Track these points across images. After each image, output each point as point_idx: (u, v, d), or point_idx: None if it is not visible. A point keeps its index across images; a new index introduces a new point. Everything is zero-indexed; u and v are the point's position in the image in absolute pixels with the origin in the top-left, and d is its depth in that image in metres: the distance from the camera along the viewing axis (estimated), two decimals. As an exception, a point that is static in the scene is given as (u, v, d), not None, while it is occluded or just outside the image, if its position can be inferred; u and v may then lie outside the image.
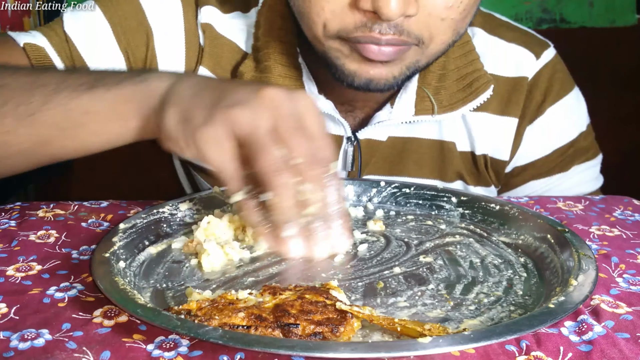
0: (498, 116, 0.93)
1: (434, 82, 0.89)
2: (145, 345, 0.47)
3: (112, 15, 0.86)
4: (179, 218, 0.71)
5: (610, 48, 1.90)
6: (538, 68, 0.94)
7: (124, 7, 0.86)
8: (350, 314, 0.49)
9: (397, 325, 0.48)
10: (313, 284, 0.57)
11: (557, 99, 0.95)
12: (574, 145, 0.96)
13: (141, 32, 0.86)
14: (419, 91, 0.89)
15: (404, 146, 0.93)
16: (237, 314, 0.48)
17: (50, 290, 0.55)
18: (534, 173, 0.97)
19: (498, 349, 0.47)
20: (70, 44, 0.84)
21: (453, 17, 0.73)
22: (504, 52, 0.94)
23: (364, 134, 0.90)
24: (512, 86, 0.93)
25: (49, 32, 0.85)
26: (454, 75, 0.90)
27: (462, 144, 0.95)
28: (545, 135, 0.95)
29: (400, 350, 0.44)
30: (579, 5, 1.87)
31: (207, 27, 0.88)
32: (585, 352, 0.48)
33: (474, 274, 0.61)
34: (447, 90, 0.89)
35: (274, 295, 0.52)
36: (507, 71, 0.93)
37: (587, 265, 0.57)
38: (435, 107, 0.88)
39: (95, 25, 0.85)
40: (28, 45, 0.82)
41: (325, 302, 0.50)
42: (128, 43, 0.86)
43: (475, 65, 0.90)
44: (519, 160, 0.96)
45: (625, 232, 0.72)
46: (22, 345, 0.47)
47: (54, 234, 0.68)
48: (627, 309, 0.54)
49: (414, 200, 0.79)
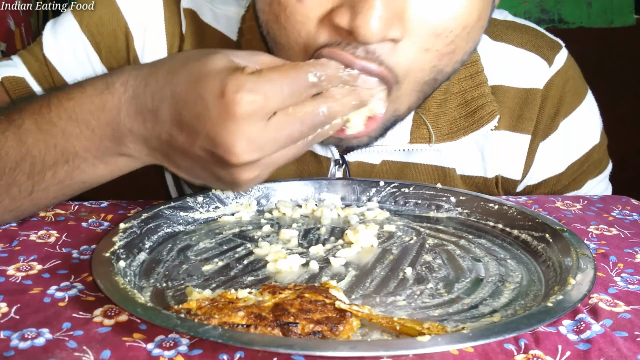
0: (510, 132, 0.88)
1: (434, 109, 0.83)
2: (145, 344, 0.47)
3: (88, 24, 0.84)
4: (179, 218, 0.71)
5: (608, 48, 1.90)
6: (550, 76, 0.88)
7: (99, 11, 0.84)
8: (350, 312, 0.49)
9: (396, 324, 0.48)
10: (312, 283, 0.57)
11: (571, 111, 0.90)
12: (588, 160, 0.92)
13: (119, 35, 0.84)
14: (416, 117, 0.83)
15: (400, 171, 0.87)
16: (236, 312, 0.48)
17: (51, 290, 0.55)
18: (546, 191, 0.92)
19: (497, 347, 0.48)
20: (50, 67, 0.83)
21: (438, 49, 0.64)
22: (513, 60, 0.88)
23: (354, 157, 0.85)
24: (524, 99, 0.88)
25: (29, 58, 0.84)
26: (457, 99, 0.84)
27: (469, 169, 0.89)
28: (559, 151, 0.90)
29: (399, 349, 0.44)
30: (577, 6, 1.87)
31: (190, 14, 0.84)
32: (583, 350, 0.48)
33: (473, 273, 0.61)
34: (447, 116, 0.83)
35: (274, 294, 0.52)
36: (517, 82, 0.87)
37: (586, 264, 0.57)
38: (432, 137, 0.82)
39: (73, 41, 0.84)
40: (6, 80, 0.81)
41: (324, 301, 0.51)
42: (109, 51, 0.84)
43: (481, 90, 0.84)
44: (532, 178, 0.92)
45: (624, 232, 0.72)
46: (23, 344, 0.47)
47: (54, 234, 0.68)
48: (625, 307, 0.54)
49: (413, 200, 0.79)
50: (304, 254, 0.65)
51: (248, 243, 0.68)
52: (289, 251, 0.65)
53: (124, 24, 0.84)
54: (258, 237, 0.69)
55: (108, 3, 0.84)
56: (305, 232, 0.71)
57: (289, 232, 0.70)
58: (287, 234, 0.69)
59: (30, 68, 0.83)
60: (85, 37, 0.83)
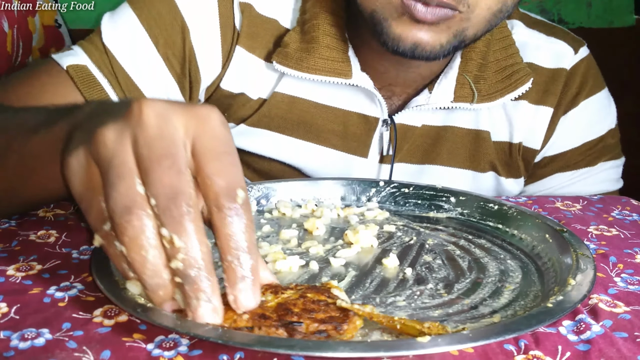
0: (534, 105, 0.94)
1: (475, 71, 0.89)
2: (145, 344, 0.47)
3: (147, 17, 0.86)
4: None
5: (608, 49, 1.89)
6: (576, 61, 0.95)
7: (157, 5, 0.86)
8: (352, 311, 0.49)
9: (396, 323, 0.48)
10: (313, 283, 0.57)
11: (591, 94, 0.96)
12: (603, 141, 0.98)
13: (176, 28, 0.87)
14: (460, 78, 0.89)
15: (437, 134, 0.93)
16: (241, 316, 0.48)
17: (51, 290, 0.55)
18: (561, 165, 0.98)
19: (497, 348, 0.48)
20: (110, 56, 0.85)
21: None
22: (543, 44, 0.95)
23: (401, 117, 0.90)
24: (550, 77, 0.94)
25: (89, 47, 0.85)
26: (494, 66, 0.90)
27: (498, 133, 0.95)
28: (577, 127, 0.96)
29: (399, 349, 0.44)
30: (577, 6, 1.87)
31: (246, 7, 0.88)
32: (583, 351, 0.48)
33: (473, 274, 0.61)
34: (486, 80, 0.89)
35: (276, 294, 0.52)
36: (546, 62, 0.94)
37: (586, 264, 0.57)
38: (475, 95, 0.88)
39: (132, 31, 0.86)
40: (71, 68, 0.83)
41: (327, 300, 0.51)
42: (166, 43, 0.86)
43: (515, 59, 0.91)
44: (549, 150, 0.97)
45: (623, 232, 0.72)
46: (23, 344, 0.47)
47: (54, 234, 0.68)
48: (625, 308, 0.54)
49: (413, 200, 0.79)
50: (304, 254, 0.65)
51: (248, 243, 0.68)
52: (289, 251, 0.65)
53: (180, 18, 0.86)
54: (258, 237, 0.69)
55: None
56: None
57: (289, 232, 0.70)
58: (287, 234, 0.69)
59: (92, 56, 0.85)
60: (143, 29, 0.86)
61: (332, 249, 0.66)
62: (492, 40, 0.90)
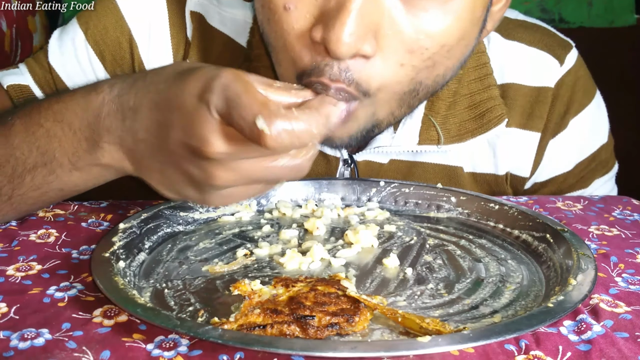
0: (520, 130, 0.89)
1: (443, 111, 0.84)
2: (145, 344, 0.47)
3: (93, 32, 0.84)
4: (179, 218, 0.71)
5: (609, 48, 1.90)
6: (561, 75, 0.89)
7: (104, 20, 0.84)
8: (363, 303, 0.50)
9: (398, 315, 0.49)
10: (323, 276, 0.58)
11: (580, 110, 0.91)
12: (596, 159, 0.93)
13: (123, 43, 0.84)
14: (425, 119, 0.83)
15: (408, 170, 0.88)
16: (252, 311, 0.48)
17: (50, 290, 0.55)
18: (554, 189, 0.93)
19: (497, 348, 0.48)
20: (55, 75, 0.84)
21: (414, 64, 0.63)
22: (525, 59, 0.88)
23: (362, 156, 0.85)
24: (535, 97, 0.88)
25: (34, 65, 0.84)
26: (466, 101, 0.85)
27: (481, 166, 0.89)
28: (568, 150, 0.91)
29: (400, 349, 0.44)
30: (578, 5, 1.87)
31: (197, 17, 0.84)
32: (584, 351, 0.48)
33: (474, 274, 0.61)
34: (456, 118, 0.84)
35: (287, 287, 0.52)
36: (528, 80, 0.88)
37: (586, 264, 0.57)
38: (441, 138, 0.83)
39: (77, 49, 0.84)
40: (11, 87, 0.82)
41: (337, 293, 0.51)
42: (113, 59, 0.84)
43: (490, 93, 0.85)
44: (540, 176, 0.92)
45: (624, 232, 0.72)
46: (22, 344, 0.47)
47: (54, 234, 0.68)
48: (626, 308, 0.54)
49: (414, 200, 0.79)
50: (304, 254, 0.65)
51: (248, 243, 0.68)
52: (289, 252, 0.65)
53: (127, 32, 0.84)
54: (258, 237, 0.69)
55: (112, 12, 0.84)
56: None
57: (289, 232, 0.70)
58: (287, 234, 0.69)
59: (35, 76, 0.84)
60: (89, 45, 0.84)
61: (333, 249, 0.66)
62: (466, 70, 0.83)
